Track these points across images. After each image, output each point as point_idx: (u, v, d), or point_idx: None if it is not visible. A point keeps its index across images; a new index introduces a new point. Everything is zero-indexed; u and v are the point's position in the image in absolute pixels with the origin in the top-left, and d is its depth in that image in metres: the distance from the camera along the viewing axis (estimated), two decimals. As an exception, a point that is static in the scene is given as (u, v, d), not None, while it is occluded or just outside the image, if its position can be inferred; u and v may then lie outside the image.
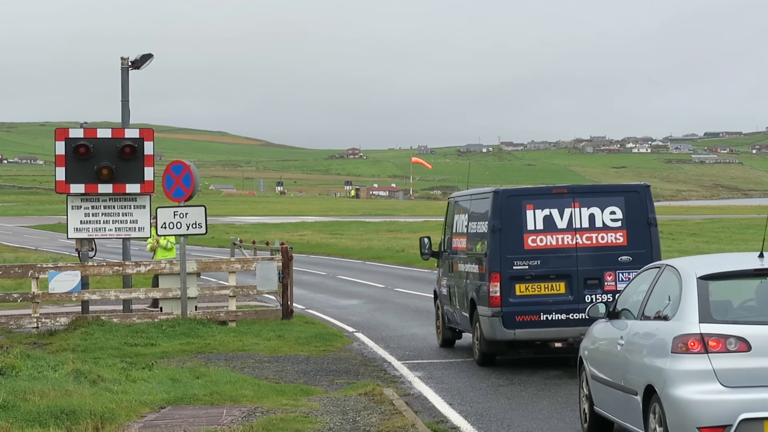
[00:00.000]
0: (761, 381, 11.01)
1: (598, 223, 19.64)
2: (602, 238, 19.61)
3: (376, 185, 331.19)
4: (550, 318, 19.37)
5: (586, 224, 19.63)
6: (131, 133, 25.66)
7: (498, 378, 18.49)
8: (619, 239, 19.62)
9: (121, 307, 28.32)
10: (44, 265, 25.84)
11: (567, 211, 19.64)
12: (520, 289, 19.48)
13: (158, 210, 25.42)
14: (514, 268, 19.44)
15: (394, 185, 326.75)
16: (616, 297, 13.93)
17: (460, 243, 21.78)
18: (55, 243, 76.57)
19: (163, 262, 26.17)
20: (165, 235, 27.50)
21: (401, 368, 19.99)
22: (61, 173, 25.31)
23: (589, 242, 19.59)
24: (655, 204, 20.31)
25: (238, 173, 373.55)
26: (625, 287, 13.73)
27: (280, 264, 26.75)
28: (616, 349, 12.77)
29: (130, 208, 25.82)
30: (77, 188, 25.39)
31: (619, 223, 19.66)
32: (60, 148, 25.26)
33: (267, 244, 40.94)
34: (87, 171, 25.24)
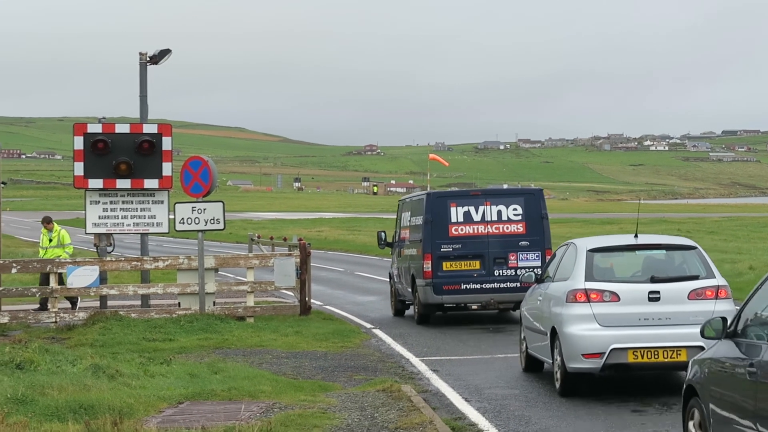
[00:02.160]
0: (627, 322, 15.60)
1: (504, 217, 25.62)
2: (507, 228, 25.61)
3: (393, 182, 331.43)
4: (468, 287, 25.47)
5: (495, 218, 25.62)
6: (149, 129, 25.65)
7: (516, 375, 18.45)
8: (519, 229, 25.61)
9: (139, 302, 28.39)
10: (62, 260, 25.87)
11: (481, 208, 25.64)
12: (446, 265, 25.53)
13: (176, 205, 25.44)
14: (442, 250, 25.48)
15: (411, 182, 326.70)
16: (545, 267, 18.38)
17: (405, 234, 27.73)
18: (73, 238, 76.38)
19: (181, 257, 26.20)
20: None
21: (419, 365, 19.97)
22: (79, 168, 25.34)
23: (497, 231, 25.58)
24: (673, 202, 22.63)
25: (255, 169, 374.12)
26: (550, 259, 18.24)
27: (298, 260, 26.76)
28: (537, 304, 17.48)
29: (148, 203, 25.84)
30: (95, 183, 25.42)
31: (519, 217, 25.64)
32: (78, 143, 25.29)
33: (284, 240, 40.98)
34: (105, 166, 25.26)
